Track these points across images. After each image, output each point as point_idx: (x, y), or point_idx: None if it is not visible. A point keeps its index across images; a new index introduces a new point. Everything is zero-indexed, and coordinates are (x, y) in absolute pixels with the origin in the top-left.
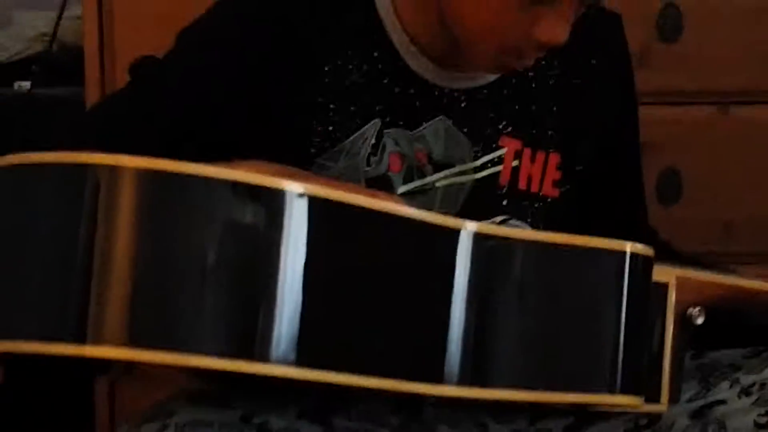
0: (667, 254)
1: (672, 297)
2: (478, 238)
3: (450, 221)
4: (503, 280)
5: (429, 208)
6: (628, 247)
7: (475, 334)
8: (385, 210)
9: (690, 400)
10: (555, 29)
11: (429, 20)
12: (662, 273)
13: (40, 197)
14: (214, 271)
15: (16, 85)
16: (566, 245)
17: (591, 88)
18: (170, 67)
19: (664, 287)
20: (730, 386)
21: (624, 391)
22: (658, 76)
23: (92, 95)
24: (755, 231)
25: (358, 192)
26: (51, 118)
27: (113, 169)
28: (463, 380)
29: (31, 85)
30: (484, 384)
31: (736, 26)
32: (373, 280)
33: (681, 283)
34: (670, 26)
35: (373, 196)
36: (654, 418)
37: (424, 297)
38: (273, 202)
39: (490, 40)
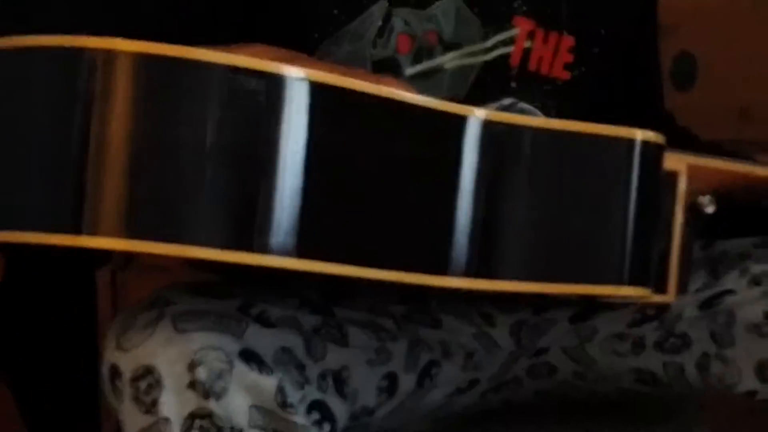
0: (685, 140)
1: (682, 185)
2: (487, 125)
3: (458, 108)
4: (512, 169)
5: (437, 90)
6: (639, 134)
7: (483, 224)
8: (389, 96)
9: (698, 290)
10: None
11: None
12: (673, 160)
13: (34, 82)
14: (212, 158)
15: None
16: (576, 132)
17: None
18: None
19: (674, 175)
20: (740, 275)
21: (632, 282)
22: None
23: None
24: None
25: (361, 77)
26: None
27: (109, 53)
28: (469, 271)
29: None
30: (490, 275)
31: None
32: (377, 168)
33: (692, 170)
34: None
35: (378, 81)
36: (661, 309)
37: (429, 185)
38: (272, 86)
39: None
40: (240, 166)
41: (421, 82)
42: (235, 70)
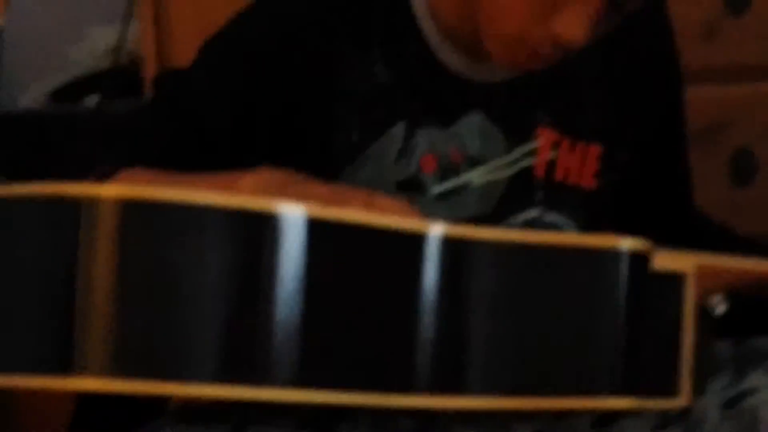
0: (718, 238)
1: (690, 287)
2: (446, 240)
3: (416, 225)
4: (473, 284)
5: (465, 208)
6: (623, 243)
7: (447, 341)
8: (359, 221)
9: (723, 389)
10: (573, 24)
11: (460, 6)
12: (681, 261)
13: (22, 229)
14: (202, 295)
15: (86, 100)
16: (550, 245)
17: (636, 74)
18: (192, 81)
19: (682, 277)
20: (764, 373)
21: (622, 392)
22: (727, 51)
23: None
24: None
25: (353, 198)
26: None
27: (92, 199)
28: (433, 389)
29: (100, 98)
30: (457, 392)
31: None
32: (353, 294)
33: (701, 271)
34: None
35: (368, 202)
36: (685, 411)
37: (392, 304)
38: (257, 224)
39: (509, 24)
40: (229, 302)
41: (448, 200)
42: (220, 209)
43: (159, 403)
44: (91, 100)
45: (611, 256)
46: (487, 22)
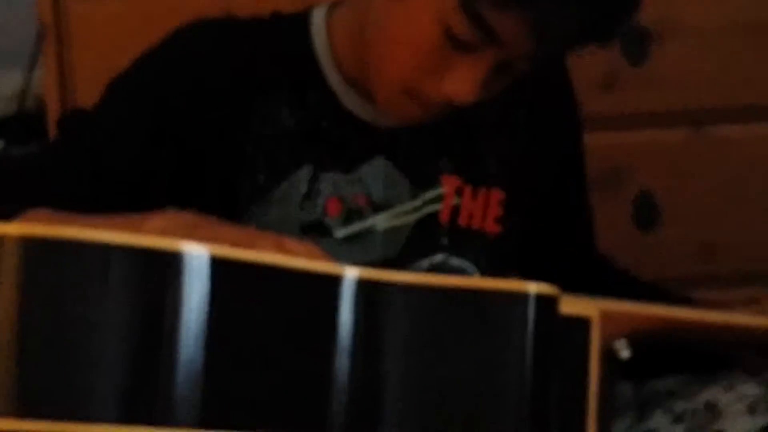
0: (622, 283)
1: (595, 331)
2: (361, 284)
3: (331, 268)
4: (387, 326)
5: (371, 252)
6: (531, 287)
7: (361, 386)
8: (269, 263)
9: (626, 431)
10: (461, 83)
11: (358, 55)
12: (585, 306)
13: None
14: (106, 335)
15: None
16: (460, 288)
17: (535, 123)
18: (96, 120)
19: (586, 321)
20: (663, 413)
21: None
22: (627, 100)
23: None
24: (737, 251)
25: (263, 240)
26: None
27: None
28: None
29: (5, 144)
30: None
31: (703, 44)
32: (264, 335)
33: (605, 316)
34: (635, 48)
35: (278, 245)
36: None
37: (310, 348)
38: (163, 262)
39: (396, 75)
40: (136, 343)
41: (353, 244)
42: (124, 248)
43: None
44: None
45: (520, 299)
46: (375, 71)
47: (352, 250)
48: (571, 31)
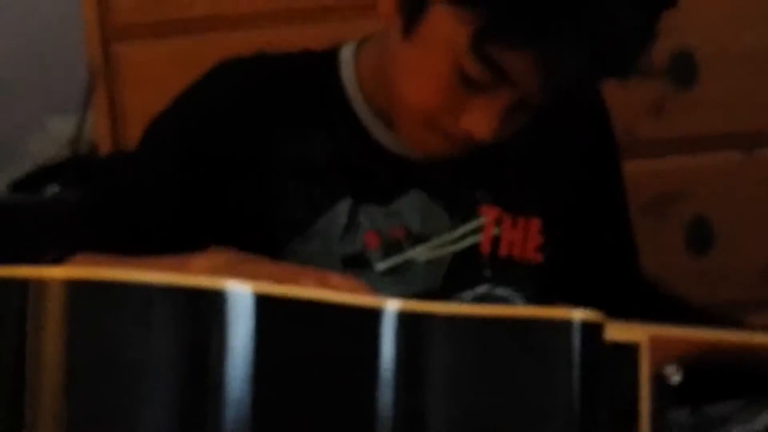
0: (669, 307)
1: (645, 357)
2: (401, 316)
3: (372, 301)
4: (430, 358)
5: (412, 285)
6: (575, 314)
7: (404, 418)
8: (312, 298)
9: None
10: (480, 120)
11: (385, 90)
12: (634, 332)
13: None
14: (153, 375)
15: (47, 189)
16: (503, 318)
17: (567, 147)
18: (136, 163)
19: (635, 347)
20: None
21: None
22: (677, 124)
23: None
24: None
25: (306, 276)
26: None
27: (40, 280)
28: None
29: (60, 188)
30: None
31: (751, 66)
32: (308, 370)
33: (655, 341)
34: (683, 73)
35: (321, 281)
36: None
37: (354, 381)
38: (206, 302)
39: (421, 111)
40: (183, 383)
41: (394, 277)
42: (168, 288)
43: None
44: (51, 190)
45: (564, 327)
46: (397, 107)
47: (393, 283)
48: (582, 67)
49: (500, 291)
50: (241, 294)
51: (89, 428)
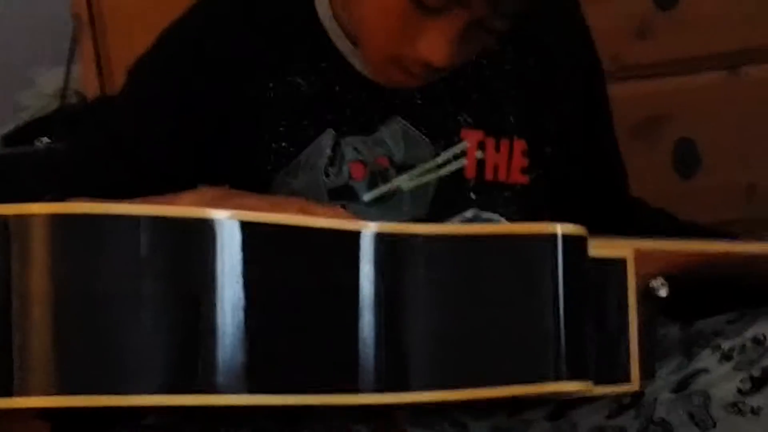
0: (658, 224)
1: (631, 271)
2: (379, 237)
3: (350, 224)
4: (409, 278)
5: (398, 213)
6: (558, 228)
7: (387, 338)
8: (293, 223)
9: (672, 373)
10: (435, 46)
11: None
12: (619, 247)
13: None
14: (142, 305)
15: (37, 142)
16: (485, 235)
17: (549, 67)
18: (121, 105)
19: (622, 262)
20: (711, 353)
21: (570, 377)
22: (661, 46)
23: None
24: None
25: (293, 207)
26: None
27: (22, 218)
28: (379, 387)
29: (51, 139)
30: (402, 388)
31: None
32: (292, 295)
33: (640, 255)
34: None
35: (303, 209)
36: (637, 396)
37: (336, 305)
38: (191, 230)
39: (377, 44)
40: (173, 313)
41: (381, 206)
42: (155, 218)
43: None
44: (42, 142)
45: (547, 240)
46: (360, 41)
47: (380, 212)
48: None
49: (487, 215)
50: (227, 222)
51: (78, 363)
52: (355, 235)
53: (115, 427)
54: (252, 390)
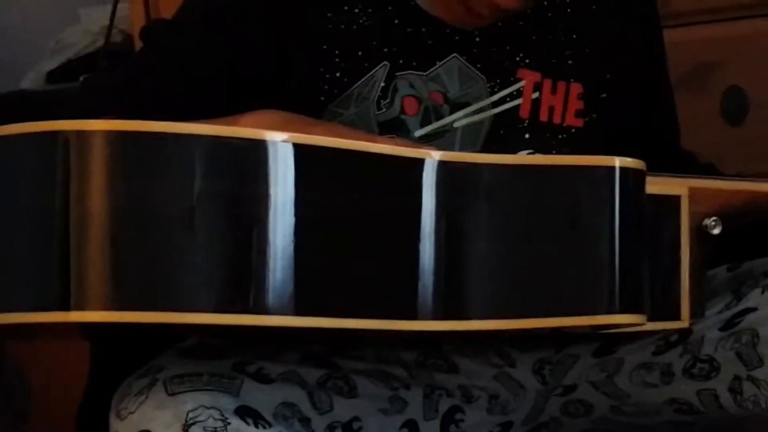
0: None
1: (685, 209)
2: (443, 165)
3: (415, 152)
4: (471, 207)
5: (449, 149)
6: (617, 161)
7: (447, 265)
8: (354, 148)
9: (720, 312)
10: None
11: None
12: (674, 185)
13: (14, 168)
14: (198, 225)
15: (82, 78)
16: (546, 165)
17: (609, 12)
18: (178, 29)
19: (676, 199)
20: (762, 292)
21: (624, 310)
22: None
23: None
24: None
25: (355, 137)
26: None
27: (82, 134)
28: (437, 314)
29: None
30: (460, 316)
31: None
32: (350, 221)
33: (694, 193)
34: None
35: (369, 139)
36: (684, 334)
37: (395, 232)
38: (247, 151)
39: None
40: (224, 229)
41: (432, 142)
42: (210, 138)
43: (166, 340)
44: None
45: (607, 172)
46: None
47: (431, 147)
48: None
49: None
50: (281, 144)
51: (135, 279)
52: (419, 162)
53: (154, 350)
54: (305, 312)
